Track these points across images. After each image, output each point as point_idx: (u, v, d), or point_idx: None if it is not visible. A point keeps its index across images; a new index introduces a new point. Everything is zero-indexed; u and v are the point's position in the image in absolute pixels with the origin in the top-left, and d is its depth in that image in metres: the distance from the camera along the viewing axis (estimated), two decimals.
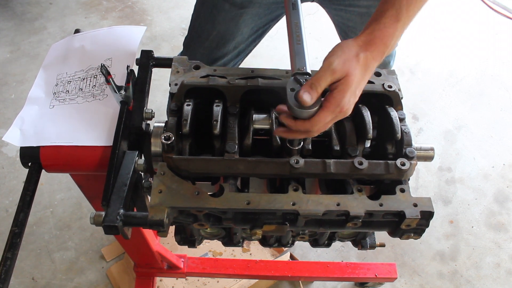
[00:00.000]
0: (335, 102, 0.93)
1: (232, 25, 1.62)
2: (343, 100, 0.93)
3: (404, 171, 1.01)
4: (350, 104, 0.95)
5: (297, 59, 1.02)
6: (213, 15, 1.62)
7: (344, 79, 0.93)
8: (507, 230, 2.57)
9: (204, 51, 1.69)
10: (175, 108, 1.09)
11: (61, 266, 2.28)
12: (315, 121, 0.94)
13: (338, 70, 0.93)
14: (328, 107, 0.93)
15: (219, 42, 1.65)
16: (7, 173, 2.59)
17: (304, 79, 0.97)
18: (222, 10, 1.58)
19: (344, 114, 0.96)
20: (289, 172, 1.01)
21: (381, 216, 1.00)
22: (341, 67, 0.93)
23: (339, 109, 0.93)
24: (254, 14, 1.60)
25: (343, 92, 0.93)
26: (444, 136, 3.01)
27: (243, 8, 1.57)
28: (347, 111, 0.96)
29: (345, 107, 0.94)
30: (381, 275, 2.03)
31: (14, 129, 1.14)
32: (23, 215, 1.03)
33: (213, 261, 2.03)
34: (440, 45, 3.61)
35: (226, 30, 1.63)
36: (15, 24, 3.45)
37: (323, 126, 0.96)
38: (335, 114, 0.94)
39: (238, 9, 1.57)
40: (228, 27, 1.62)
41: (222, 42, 1.66)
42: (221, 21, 1.61)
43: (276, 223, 1.01)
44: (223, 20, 1.60)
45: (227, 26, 1.62)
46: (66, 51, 1.30)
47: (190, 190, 0.98)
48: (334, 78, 0.93)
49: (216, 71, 1.17)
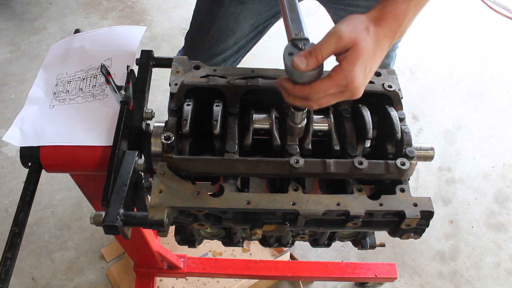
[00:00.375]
0: (343, 73, 0.85)
1: (232, 20, 1.62)
2: (352, 72, 0.84)
3: (404, 171, 1.01)
4: (360, 81, 0.86)
5: (293, 25, 0.92)
6: (213, 10, 1.62)
7: (353, 49, 0.85)
8: (507, 230, 2.57)
9: (204, 45, 1.70)
10: (175, 108, 1.09)
11: (61, 266, 2.28)
12: (316, 87, 0.86)
13: (345, 36, 0.84)
14: (334, 78, 0.85)
15: (219, 37, 1.66)
16: (7, 173, 2.59)
17: (303, 44, 0.88)
18: (222, 5, 1.59)
19: (352, 93, 0.88)
20: (289, 172, 1.01)
21: (381, 216, 1.00)
22: (348, 34, 0.84)
23: (346, 83, 0.85)
24: (254, 10, 1.60)
25: (352, 64, 0.84)
26: (444, 136, 3.01)
27: (243, 4, 1.57)
28: (356, 89, 0.87)
29: (353, 82, 0.85)
30: (381, 275, 2.03)
31: (14, 129, 1.14)
32: (23, 215, 1.03)
33: (213, 261, 2.03)
34: (440, 45, 3.61)
35: (226, 25, 1.63)
36: (15, 24, 3.45)
37: (324, 98, 0.88)
38: (341, 87, 0.86)
39: (238, 4, 1.57)
40: (228, 22, 1.62)
41: (222, 38, 1.66)
42: (221, 16, 1.61)
43: (276, 223, 1.01)
44: (223, 15, 1.61)
45: (227, 21, 1.62)
46: (66, 51, 1.30)
47: (190, 190, 0.98)
48: (340, 45, 0.85)
49: (216, 71, 1.17)
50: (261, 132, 1.10)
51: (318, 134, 1.10)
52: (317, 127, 1.10)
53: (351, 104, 1.12)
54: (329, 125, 1.10)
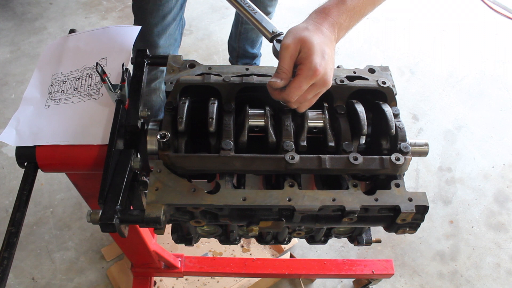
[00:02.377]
0: (306, 67, 0.96)
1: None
2: (312, 62, 0.95)
3: (399, 166, 1.01)
4: (323, 67, 0.96)
5: (265, 24, 1.13)
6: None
7: (302, 46, 0.96)
8: (507, 230, 2.57)
9: (152, 11, 1.85)
10: (171, 106, 1.09)
11: (61, 266, 2.28)
12: (290, 89, 0.98)
13: (290, 43, 0.97)
14: (300, 74, 0.96)
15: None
16: (7, 173, 2.60)
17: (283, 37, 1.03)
18: None
19: (323, 81, 0.98)
20: (284, 168, 1.01)
21: (376, 211, 1.00)
22: (291, 40, 0.97)
23: (312, 73, 0.95)
24: None
25: (309, 56, 0.95)
26: (444, 136, 3.00)
27: None
28: (324, 76, 0.97)
29: (318, 69, 0.95)
30: (378, 271, 2.03)
31: (10, 129, 1.14)
32: (19, 214, 1.03)
33: (210, 260, 2.03)
34: (440, 45, 3.61)
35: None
36: (15, 24, 3.47)
37: (301, 96, 0.99)
38: (310, 79, 0.96)
39: None
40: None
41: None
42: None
43: (272, 219, 1.02)
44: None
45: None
46: (61, 51, 1.30)
47: (187, 187, 0.98)
48: (290, 52, 0.97)
49: (211, 69, 1.17)
50: (257, 129, 1.10)
51: (313, 130, 1.10)
52: (312, 124, 1.10)
53: (345, 100, 1.12)
54: (324, 121, 1.10)
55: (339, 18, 1.03)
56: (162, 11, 1.85)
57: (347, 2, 1.04)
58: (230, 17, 2.19)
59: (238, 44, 2.75)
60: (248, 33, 2.65)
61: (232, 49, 2.85)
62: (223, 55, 3.35)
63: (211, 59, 3.32)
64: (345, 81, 1.14)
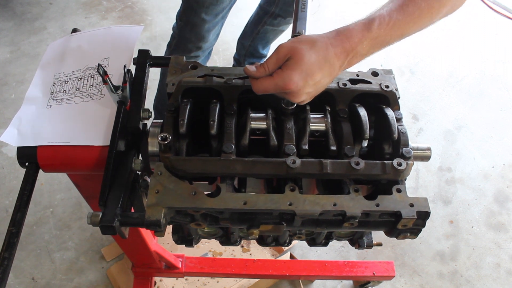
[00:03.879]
0: (280, 76, 0.95)
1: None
2: (288, 76, 0.94)
3: (401, 171, 1.00)
4: (298, 86, 0.95)
5: (299, 24, 1.16)
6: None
7: (291, 57, 0.95)
8: (507, 230, 2.57)
9: (207, 9, 1.97)
10: (172, 108, 1.09)
11: (61, 266, 2.28)
12: (257, 83, 0.99)
13: (283, 48, 0.96)
14: (273, 78, 0.96)
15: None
16: (7, 173, 2.59)
17: None
18: None
19: (292, 94, 0.97)
20: (286, 172, 1.00)
21: (377, 216, 1.00)
22: (287, 46, 0.96)
23: (283, 85, 0.95)
24: None
25: (289, 69, 0.94)
26: (444, 136, 3.00)
27: None
28: (293, 94, 0.97)
29: (289, 85, 0.94)
30: (379, 273, 2.03)
31: (12, 129, 1.14)
32: (20, 214, 1.03)
33: (211, 261, 2.03)
34: (440, 45, 3.61)
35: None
36: (15, 24, 3.46)
37: (263, 91, 0.99)
38: (279, 88, 0.96)
39: None
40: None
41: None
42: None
43: (273, 223, 1.01)
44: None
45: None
46: (64, 51, 1.30)
47: (187, 190, 0.98)
48: (279, 56, 0.96)
49: (214, 70, 1.17)
50: (258, 132, 1.09)
51: (315, 134, 1.10)
52: (314, 127, 1.09)
53: (348, 104, 1.12)
54: (326, 125, 1.10)
55: (358, 45, 0.98)
56: (216, 10, 1.99)
57: (372, 30, 0.98)
58: (230, 18, 2.18)
59: (251, 43, 2.73)
60: (268, 33, 2.63)
61: (241, 47, 2.83)
62: (223, 55, 3.35)
63: (211, 59, 3.30)
64: (348, 84, 1.13)
